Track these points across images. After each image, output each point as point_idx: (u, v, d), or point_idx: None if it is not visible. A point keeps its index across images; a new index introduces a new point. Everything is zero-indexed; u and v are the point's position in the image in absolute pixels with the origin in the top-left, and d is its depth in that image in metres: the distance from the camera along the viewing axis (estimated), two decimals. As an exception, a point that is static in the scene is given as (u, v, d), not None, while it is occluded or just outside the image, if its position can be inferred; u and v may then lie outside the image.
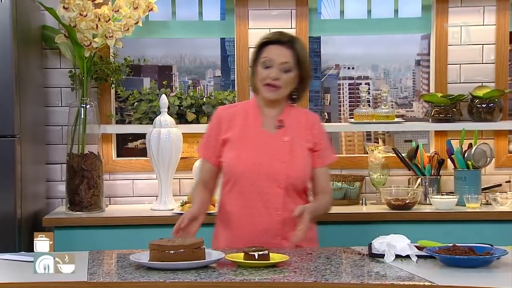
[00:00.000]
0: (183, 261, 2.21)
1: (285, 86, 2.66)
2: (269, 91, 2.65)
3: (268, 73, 2.63)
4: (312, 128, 2.73)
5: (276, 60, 2.63)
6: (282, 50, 2.65)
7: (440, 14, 3.94)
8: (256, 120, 2.70)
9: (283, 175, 2.63)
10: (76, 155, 3.62)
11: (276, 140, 2.67)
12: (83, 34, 3.57)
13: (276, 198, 2.63)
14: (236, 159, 2.65)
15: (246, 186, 2.64)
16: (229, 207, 2.69)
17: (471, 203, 3.60)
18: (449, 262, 2.26)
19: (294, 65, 2.65)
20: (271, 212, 2.63)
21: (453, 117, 3.90)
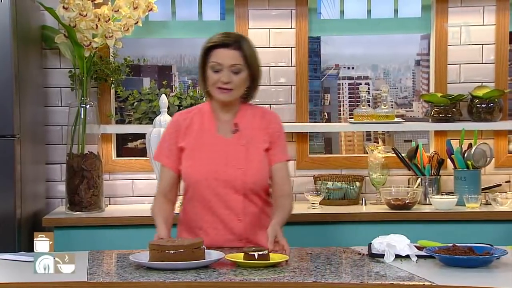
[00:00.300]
0: (183, 261, 2.21)
1: (237, 88, 2.61)
2: (222, 93, 2.60)
3: (218, 77, 2.58)
4: (268, 127, 2.68)
5: (224, 63, 2.58)
6: (230, 53, 2.59)
7: (440, 14, 3.94)
8: (211, 126, 2.66)
9: (240, 182, 2.60)
10: (76, 155, 3.62)
11: (232, 145, 2.63)
12: (83, 34, 3.57)
13: (236, 204, 2.61)
14: (193, 168, 2.62)
15: (205, 193, 2.61)
16: (191, 215, 2.67)
17: (471, 203, 3.60)
18: (449, 262, 2.26)
19: (243, 65, 2.59)
20: (232, 218, 2.61)
21: (453, 117, 3.90)
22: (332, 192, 3.75)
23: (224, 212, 2.61)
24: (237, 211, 2.61)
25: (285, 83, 3.97)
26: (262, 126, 2.68)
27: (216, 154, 2.62)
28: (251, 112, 2.70)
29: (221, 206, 2.61)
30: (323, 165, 3.95)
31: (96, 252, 2.49)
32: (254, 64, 2.64)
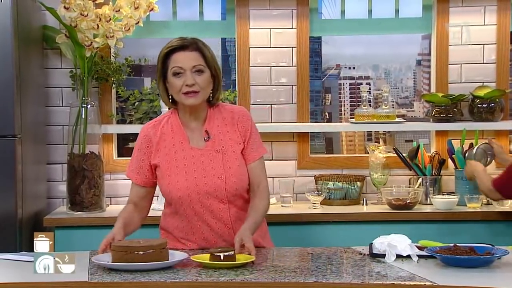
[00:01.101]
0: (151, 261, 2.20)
1: (203, 89, 2.53)
2: (190, 98, 2.52)
3: (182, 81, 2.51)
4: (238, 125, 2.61)
5: (186, 66, 2.52)
6: (189, 54, 2.54)
7: (441, 14, 3.93)
8: (182, 137, 2.58)
9: (222, 191, 2.55)
10: (77, 155, 3.62)
11: (207, 154, 2.56)
12: (84, 34, 3.57)
13: (222, 213, 2.57)
14: (172, 185, 2.55)
15: (188, 208, 2.56)
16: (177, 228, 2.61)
17: (472, 203, 3.59)
18: (450, 262, 2.26)
19: (205, 66, 2.54)
20: (221, 227, 2.58)
21: (454, 117, 3.90)
22: (333, 192, 3.75)
23: (212, 220, 2.57)
24: (225, 219, 2.57)
25: (286, 83, 3.96)
26: (233, 125, 2.61)
27: (193, 167, 2.55)
28: (219, 115, 2.62)
29: (208, 216, 2.56)
30: (324, 165, 3.95)
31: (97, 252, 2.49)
32: (214, 64, 2.58)
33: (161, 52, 2.58)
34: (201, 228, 2.58)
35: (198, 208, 2.56)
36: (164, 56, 2.57)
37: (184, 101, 2.54)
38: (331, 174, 3.86)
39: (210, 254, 2.27)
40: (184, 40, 2.59)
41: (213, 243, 2.57)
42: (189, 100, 2.53)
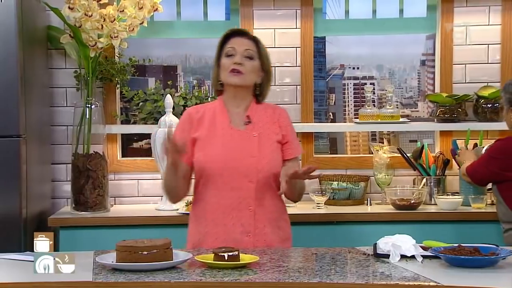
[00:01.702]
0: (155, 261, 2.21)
1: (248, 73, 2.69)
2: (234, 76, 2.67)
3: (231, 61, 2.68)
4: (279, 120, 2.75)
5: (238, 48, 2.69)
6: (244, 40, 2.73)
7: (445, 14, 3.93)
8: (224, 118, 2.71)
9: (254, 170, 2.64)
10: (81, 155, 3.62)
11: (245, 136, 2.69)
12: (88, 34, 3.57)
13: (248, 193, 2.64)
14: (206, 157, 2.65)
15: (218, 183, 2.65)
16: (202, 205, 2.69)
17: (477, 203, 3.59)
18: (455, 262, 2.26)
19: (256, 53, 2.71)
20: (242, 208, 2.64)
21: (458, 117, 3.89)
22: (337, 192, 3.75)
23: (236, 201, 2.64)
24: (249, 201, 2.64)
25: (290, 83, 3.96)
26: (274, 120, 2.75)
27: (230, 144, 2.67)
28: (262, 107, 2.77)
29: (234, 195, 2.64)
30: (328, 165, 3.95)
31: (101, 252, 2.49)
32: (266, 60, 2.74)
33: (221, 36, 2.76)
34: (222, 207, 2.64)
35: (227, 183, 2.64)
36: (222, 40, 2.75)
37: (229, 78, 2.68)
38: (335, 174, 3.86)
39: (214, 254, 2.27)
40: (243, 30, 2.85)
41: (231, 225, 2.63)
42: (233, 78, 2.68)
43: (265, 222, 2.67)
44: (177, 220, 3.48)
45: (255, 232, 2.65)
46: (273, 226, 2.69)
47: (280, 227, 2.72)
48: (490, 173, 3.23)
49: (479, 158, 3.34)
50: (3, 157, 3.32)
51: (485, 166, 3.24)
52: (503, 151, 3.21)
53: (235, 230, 2.64)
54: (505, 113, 3.26)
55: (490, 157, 3.24)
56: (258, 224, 2.65)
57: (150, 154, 3.88)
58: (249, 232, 2.64)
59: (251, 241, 2.63)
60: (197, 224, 2.71)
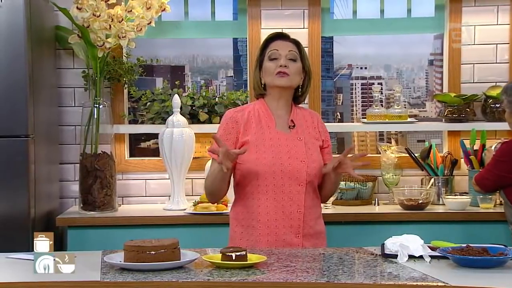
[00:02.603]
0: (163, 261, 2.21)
1: (294, 74, 2.74)
2: (280, 78, 2.72)
3: (276, 64, 2.73)
4: (318, 126, 2.83)
5: (282, 51, 2.74)
6: (286, 43, 2.78)
7: (454, 14, 3.92)
8: (269, 122, 2.75)
9: (304, 173, 2.70)
10: (89, 155, 3.63)
11: (291, 140, 2.74)
12: (96, 34, 3.58)
13: (298, 196, 2.70)
14: (258, 161, 2.69)
15: (268, 186, 2.69)
16: (250, 209, 2.71)
17: (485, 203, 3.58)
18: (463, 262, 2.25)
19: (298, 56, 2.76)
20: (293, 210, 2.69)
21: (467, 117, 3.88)
22: (345, 192, 3.75)
23: (287, 203, 2.69)
24: (299, 202, 2.69)
25: (297, 83, 3.95)
26: (313, 125, 2.82)
27: (279, 148, 2.71)
28: (300, 111, 2.82)
29: (284, 198, 2.68)
30: (336, 165, 3.94)
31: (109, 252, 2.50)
32: (307, 62, 2.81)
33: (263, 41, 2.83)
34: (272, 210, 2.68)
35: (278, 186, 2.68)
36: (264, 44, 2.81)
37: (276, 81, 2.72)
38: (343, 174, 3.84)
39: (221, 254, 2.27)
40: (285, 33, 2.86)
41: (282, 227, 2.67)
42: (280, 80, 2.72)
43: (311, 223, 2.73)
44: (184, 220, 3.48)
45: (303, 233, 2.70)
46: (317, 224, 2.76)
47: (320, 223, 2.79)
48: (498, 178, 3.21)
49: (486, 165, 3.32)
50: (11, 157, 3.33)
51: (492, 171, 3.23)
52: (509, 153, 3.20)
53: (286, 232, 2.69)
54: (508, 116, 3.24)
55: (497, 161, 3.23)
56: (305, 225, 2.71)
57: (158, 154, 3.88)
58: (298, 233, 2.70)
59: (300, 241, 2.69)
60: (247, 227, 2.72)
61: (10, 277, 2.21)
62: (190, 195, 3.82)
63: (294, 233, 2.69)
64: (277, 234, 2.68)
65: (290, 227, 2.69)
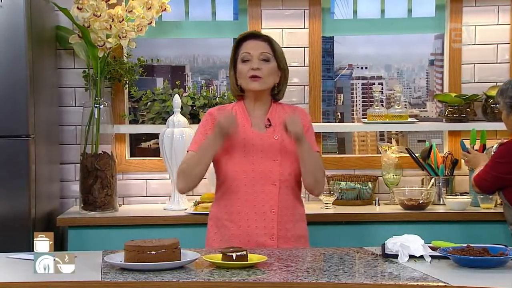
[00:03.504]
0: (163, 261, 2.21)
1: (267, 76, 2.70)
2: (253, 82, 2.68)
3: (248, 67, 2.68)
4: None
5: (254, 52, 2.69)
6: (259, 43, 2.72)
7: (454, 14, 3.92)
8: (245, 122, 2.72)
9: (277, 173, 2.67)
10: (90, 155, 3.63)
11: (266, 139, 2.71)
12: (97, 34, 3.58)
13: (271, 196, 2.66)
14: (230, 160, 2.67)
15: (240, 186, 2.66)
16: (224, 208, 2.70)
17: (485, 203, 3.58)
18: (463, 262, 2.25)
19: (272, 56, 2.71)
20: (265, 211, 2.66)
21: (467, 117, 3.88)
22: (345, 192, 3.75)
23: (259, 203, 2.66)
24: (272, 203, 2.66)
25: (298, 83, 3.96)
26: None
27: (252, 148, 2.69)
28: (281, 109, 2.78)
29: (257, 198, 2.66)
30: (336, 165, 3.95)
31: (110, 252, 2.50)
32: (282, 58, 2.75)
33: (236, 41, 2.77)
34: (245, 210, 2.66)
35: (250, 187, 2.66)
36: (236, 44, 2.75)
37: (249, 84, 2.69)
38: (343, 174, 3.85)
39: (222, 254, 2.27)
40: (256, 32, 2.84)
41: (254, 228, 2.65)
42: (252, 84, 2.69)
43: (288, 225, 2.68)
44: (185, 220, 3.48)
45: (278, 235, 2.67)
46: (295, 228, 2.72)
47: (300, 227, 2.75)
48: (496, 179, 3.21)
49: (484, 166, 3.30)
50: (12, 157, 3.33)
51: (490, 173, 3.22)
52: (508, 154, 3.19)
53: (259, 233, 2.66)
54: (505, 117, 3.24)
55: (495, 163, 3.23)
56: (281, 227, 2.67)
57: (158, 154, 3.88)
58: (272, 235, 2.66)
59: (274, 243, 2.65)
60: (220, 227, 2.71)
61: (11, 277, 2.22)
62: (191, 195, 3.82)
63: (268, 235, 2.65)
64: (249, 235, 2.65)
65: (263, 228, 2.66)
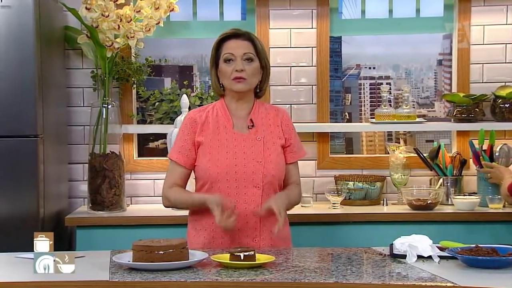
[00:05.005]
0: (171, 261, 2.21)
1: (251, 77, 2.66)
2: (238, 83, 2.64)
3: (232, 68, 2.64)
4: (282, 123, 2.74)
5: (236, 53, 2.65)
6: (241, 43, 2.67)
7: (463, 14, 3.91)
8: (227, 122, 2.68)
9: (260, 175, 2.63)
10: (98, 155, 3.64)
11: (249, 140, 2.67)
12: (105, 34, 3.59)
13: (254, 198, 2.63)
14: (211, 163, 2.63)
15: (222, 188, 2.62)
16: (205, 211, 2.63)
17: (494, 203, 3.57)
18: (472, 263, 2.25)
19: (255, 55, 2.67)
20: (248, 214, 2.63)
21: (476, 117, 3.87)
22: (353, 192, 3.74)
23: (242, 206, 2.61)
24: (255, 205, 2.62)
25: (306, 83, 3.96)
26: (277, 123, 2.73)
27: (235, 149, 2.65)
28: (264, 109, 2.75)
29: (239, 201, 2.61)
30: (344, 165, 3.94)
31: (118, 252, 2.50)
32: (264, 56, 2.70)
33: (216, 40, 2.72)
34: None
35: (232, 189, 2.62)
36: (217, 44, 2.71)
37: (233, 86, 2.65)
38: (351, 174, 3.85)
39: (230, 254, 2.28)
40: (237, 30, 2.73)
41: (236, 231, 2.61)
42: (236, 85, 2.65)
43: (269, 226, 2.63)
44: (193, 219, 3.48)
45: (261, 237, 2.64)
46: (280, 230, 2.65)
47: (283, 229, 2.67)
48: None
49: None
50: (20, 157, 3.34)
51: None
52: None
53: (241, 235, 2.63)
54: None
55: None
56: (264, 228, 2.64)
57: (166, 154, 3.88)
58: (255, 237, 2.64)
59: (257, 245, 2.62)
60: (201, 229, 2.68)
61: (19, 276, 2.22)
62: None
63: (250, 237, 2.63)
64: (232, 237, 2.61)
65: (246, 230, 2.62)
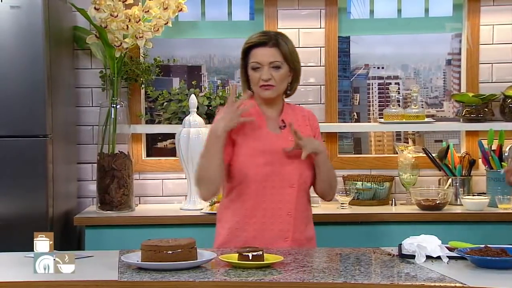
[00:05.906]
0: (180, 261, 2.21)
1: (279, 83, 2.67)
2: (265, 91, 2.66)
3: (259, 75, 2.65)
4: (309, 122, 2.78)
5: (263, 62, 2.65)
6: (268, 51, 2.66)
7: (472, 13, 3.90)
8: (260, 122, 2.69)
9: (296, 175, 2.65)
10: (107, 154, 3.65)
11: (282, 140, 2.68)
12: (114, 34, 3.60)
13: (289, 199, 2.64)
14: (247, 163, 2.63)
15: (258, 188, 2.63)
16: (238, 211, 2.65)
17: (503, 204, 3.55)
18: (481, 263, 2.24)
19: (282, 61, 2.66)
20: (282, 214, 2.64)
21: (485, 117, 3.86)
22: (362, 193, 3.74)
23: (277, 206, 2.64)
24: (290, 206, 2.64)
25: (314, 83, 3.96)
26: (305, 123, 2.77)
27: (270, 148, 2.66)
28: (292, 109, 2.78)
29: (274, 200, 2.63)
30: (353, 165, 3.94)
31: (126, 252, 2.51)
32: (293, 58, 2.70)
33: (242, 48, 2.72)
34: (261, 212, 2.63)
35: (268, 189, 2.63)
36: (244, 51, 2.71)
37: (260, 93, 2.69)
38: (360, 174, 3.84)
39: (238, 253, 2.28)
40: (264, 36, 2.71)
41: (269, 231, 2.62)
42: (264, 93, 2.68)
43: (301, 228, 2.67)
44: (201, 219, 3.49)
45: (293, 237, 2.65)
46: (307, 230, 2.71)
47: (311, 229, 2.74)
48: None
49: None
50: (29, 156, 3.35)
51: None
52: None
53: (274, 235, 2.63)
54: None
55: None
56: (295, 229, 2.66)
57: (175, 154, 3.89)
58: (287, 238, 2.65)
59: (288, 246, 2.63)
60: (233, 227, 2.67)
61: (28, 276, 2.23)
62: (207, 195, 3.82)
63: (282, 238, 2.63)
64: (264, 237, 2.61)
65: (278, 231, 2.63)
